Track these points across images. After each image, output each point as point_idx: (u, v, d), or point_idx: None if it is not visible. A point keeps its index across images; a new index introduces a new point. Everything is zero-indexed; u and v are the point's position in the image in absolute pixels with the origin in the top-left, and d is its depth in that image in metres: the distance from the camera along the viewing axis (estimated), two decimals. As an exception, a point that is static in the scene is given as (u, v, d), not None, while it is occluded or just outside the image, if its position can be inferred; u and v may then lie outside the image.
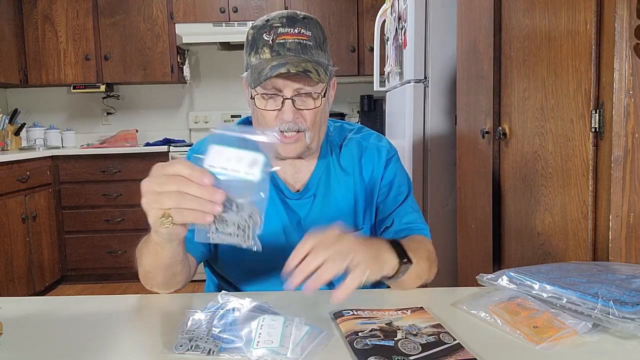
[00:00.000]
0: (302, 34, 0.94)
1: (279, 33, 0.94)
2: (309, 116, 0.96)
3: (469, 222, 2.06)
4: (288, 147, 0.97)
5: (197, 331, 0.68)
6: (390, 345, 0.65)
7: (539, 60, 1.42)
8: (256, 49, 0.96)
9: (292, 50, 0.93)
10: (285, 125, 0.95)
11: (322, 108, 0.99)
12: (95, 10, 3.79)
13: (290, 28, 0.94)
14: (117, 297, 0.91)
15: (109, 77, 3.85)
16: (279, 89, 0.94)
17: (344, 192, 1.07)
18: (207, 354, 0.64)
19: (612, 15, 1.08)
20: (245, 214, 0.67)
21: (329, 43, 1.01)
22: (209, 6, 3.79)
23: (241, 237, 0.68)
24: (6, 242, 2.95)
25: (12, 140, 3.77)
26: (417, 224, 1.07)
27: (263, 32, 0.95)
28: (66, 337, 0.74)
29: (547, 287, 0.77)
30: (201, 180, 0.65)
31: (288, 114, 0.94)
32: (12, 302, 0.88)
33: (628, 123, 1.08)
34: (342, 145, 1.11)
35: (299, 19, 0.96)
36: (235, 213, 0.67)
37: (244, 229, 0.68)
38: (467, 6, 2.01)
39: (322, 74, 0.92)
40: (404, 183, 1.11)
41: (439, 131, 2.43)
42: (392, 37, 2.78)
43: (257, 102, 0.97)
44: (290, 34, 0.94)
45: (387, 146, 1.12)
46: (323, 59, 0.97)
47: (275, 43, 0.93)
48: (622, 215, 1.10)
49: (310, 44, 0.95)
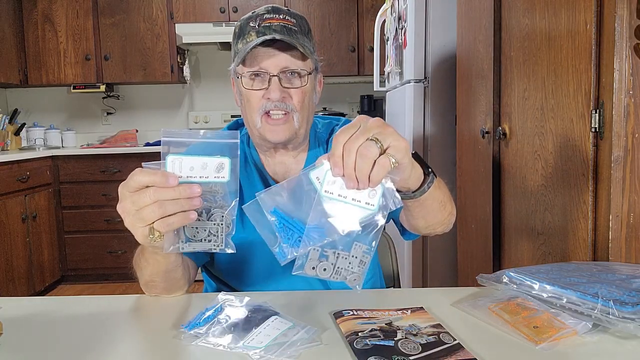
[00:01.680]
0: (288, 20, 0.97)
1: (264, 18, 0.96)
2: (297, 96, 0.96)
3: (469, 222, 2.06)
4: (276, 129, 0.96)
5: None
6: (390, 345, 0.65)
7: (539, 60, 1.42)
8: (243, 36, 0.97)
9: (277, 31, 0.94)
10: (272, 104, 0.95)
11: (310, 90, 1.00)
12: (95, 10, 3.79)
13: (276, 14, 0.97)
14: (117, 297, 0.91)
15: (109, 77, 3.85)
16: (265, 69, 0.94)
17: None
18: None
19: (612, 15, 1.08)
20: (217, 219, 0.67)
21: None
22: (209, 6, 3.79)
23: (213, 241, 0.67)
24: (6, 242, 2.95)
25: (12, 140, 3.77)
26: None
27: (249, 20, 0.97)
28: (66, 337, 0.74)
29: (547, 287, 0.77)
30: (167, 183, 0.65)
31: (275, 92, 0.94)
32: (12, 302, 0.88)
33: (628, 123, 1.08)
34: (329, 140, 1.10)
35: (284, 10, 0.99)
36: (206, 219, 0.67)
37: (215, 233, 0.67)
38: (467, 6, 2.01)
39: (307, 51, 0.94)
40: None
41: (439, 131, 2.43)
42: (392, 37, 2.78)
43: (243, 82, 0.97)
44: (276, 19, 0.96)
45: None
46: (308, 45, 0.97)
47: (261, 27, 0.95)
48: (622, 215, 1.10)
49: (296, 29, 0.97)
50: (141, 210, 0.66)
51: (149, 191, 0.65)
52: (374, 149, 0.65)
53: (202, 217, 0.67)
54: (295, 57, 0.95)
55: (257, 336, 0.67)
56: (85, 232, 3.61)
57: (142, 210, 0.66)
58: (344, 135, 0.66)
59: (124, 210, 0.68)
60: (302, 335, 0.67)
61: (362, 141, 0.65)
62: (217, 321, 0.70)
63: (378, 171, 0.65)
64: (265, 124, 0.97)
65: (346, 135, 0.66)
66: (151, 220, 0.66)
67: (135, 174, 0.67)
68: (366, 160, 0.65)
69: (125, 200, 0.68)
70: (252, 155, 1.08)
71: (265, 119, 0.96)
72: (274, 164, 1.06)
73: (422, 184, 0.79)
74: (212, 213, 0.67)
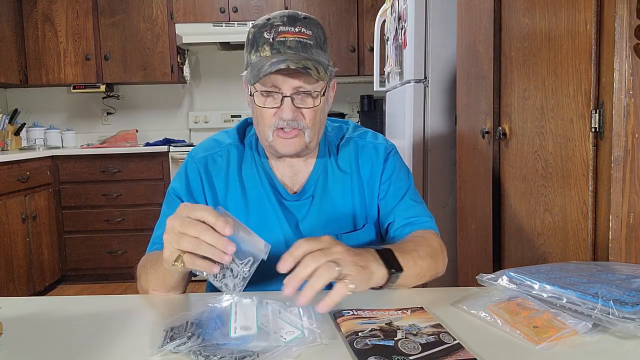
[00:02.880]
0: (303, 33, 0.94)
1: (279, 31, 0.93)
2: (308, 115, 0.96)
3: (469, 222, 2.06)
4: (287, 142, 0.97)
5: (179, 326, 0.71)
6: (390, 345, 0.65)
7: (539, 60, 1.42)
8: (256, 47, 0.95)
9: (292, 48, 0.93)
10: (284, 122, 0.95)
11: (322, 107, 0.99)
12: (95, 10, 3.79)
13: (291, 27, 0.94)
14: (117, 297, 0.91)
15: (109, 77, 3.85)
16: (278, 87, 0.94)
17: (342, 192, 1.07)
18: (185, 342, 0.66)
19: (612, 15, 1.08)
20: (246, 267, 0.74)
21: (329, 44, 1.01)
22: (209, 6, 3.79)
23: (237, 286, 0.74)
24: (6, 242, 2.95)
25: (12, 140, 3.77)
26: (419, 217, 1.05)
27: (264, 30, 0.95)
28: (66, 337, 0.74)
29: (547, 287, 0.77)
30: (223, 230, 0.69)
31: (287, 112, 0.94)
32: (12, 302, 0.88)
33: (628, 123, 1.08)
34: (340, 146, 1.10)
35: (299, 19, 0.96)
36: (237, 265, 0.74)
37: (241, 278, 0.74)
38: (467, 6, 2.01)
39: (322, 72, 0.92)
40: (402, 177, 1.10)
41: (439, 131, 2.43)
42: (392, 37, 2.78)
43: (256, 99, 0.96)
44: (291, 32, 0.94)
45: (383, 143, 1.11)
46: (323, 58, 0.96)
47: (275, 41, 0.93)
48: (622, 215, 1.10)
49: (311, 43, 0.94)
50: (182, 235, 0.71)
51: (200, 225, 0.70)
52: (333, 271, 0.70)
53: (236, 262, 0.74)
54: (308, 79, 0.93)
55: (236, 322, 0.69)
56: (85, 232, 3.61)
57: (182, 237, 0.71)
58: (304, 246, 0.73)
59: (170, 226, 0.73)
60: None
61: (324, 260, 0.71)
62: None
63: (335, 295, 0.70)
64: (277, 137, 0.97)
65: (305, 247, 0.73)
66: (183, 248, 0.72)
67: (205, 209, 0.72)
68: (321, 280, 0.70)
69: (178, 219, 0.72)
70: (260, 158, 1.08)
71: (277, 132, 0.97)
72: (283, 167, 1.06)
73: (386, 281, 0.81)
74: (244, 263, 0.75)
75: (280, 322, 0.70)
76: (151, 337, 0.71)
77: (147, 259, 0.94)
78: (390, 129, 2.95)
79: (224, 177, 1.06)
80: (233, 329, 0.66)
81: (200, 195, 1.05)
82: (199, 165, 1.06)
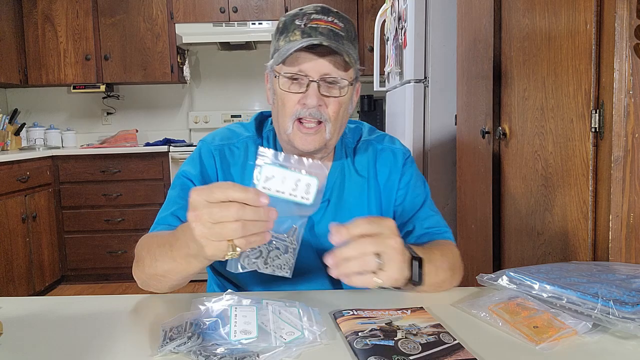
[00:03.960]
0: (336, 23, 0.92)
1: (312, 18, 0.91)
2: (333, 106, 0.92)
3: (469, 222, 2.06)
4: (306, 138, 0.93)
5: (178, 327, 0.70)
6: (390, 345, 0.65)
7: (539, 60, 1.42)
8: (286, 33, 0.92)
9: (324, 34, 0.90)
10: (306, 111, 0.91)
11: (346, 102, 0.95)
12: (95, 10, 3.79)
13: (324, 15, 0.92)
14: (117, 297, 0.91)
15: (109, 77, 3.85)
16: (305, 72, 0.90)
17: (359, 196, 1.04)
18: (185, 342, 0.65)
19: (612, 15, 1.08)
20: (292, 238, 0.70)
21: (358, 43, 1.00)
22: (209, 6, 3.79)
23: (285, 269, 0.70)
24: (6, 242, 2.95)
25: (12, 140, 3.77)
26: (439, 227, 1.04)
27: (295, 18, 0.92)
28: (66, 337, 0.74)
29: (547, 287, 0.77)
30: (258, 202, 0.64)
31: (312, 97, 0.90)
32: (12, 302, 0.88)
33: (628, 123, 1.08)
34: (356, 149, 1.07)
35: (333, 11, 0.94)
36: (282, 240, 0.70)
37: (292, 251, 0.70)
38: (467, 6, 2.01)
39: (352, 60, 0.89)
40: (420, 185, 1.08)
41: (439, 131, 2.43)
42: (392, 37, 2.78)
43: (280, 82, 0.92)
44: (324, 21, 0.91)
45: (402, 148, 1.09)
46: (353, 53, 0.93)
47: (307, 27, 0.90)
48: (622, 215, 1.10)
49: (343, 35, 0.92)
50: (221, 225, 0.63)
51: (233, 207, 0.63)
52: (372, 265, 0.71)
53: (280, 237, 0.70)
54: (338, 65, 0.90)
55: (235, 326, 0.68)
56: (85, 232, 3.61)
57: (222, 226, 0.63)
58: (363, 227, 0.71)
59: (198, 220, 0.64)
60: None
61: (370, 251, 0.70)
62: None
63: (359, 281, 0.71)
64: (297, 130, 0.93)
65: (363, 228, 0.71)
66: (231, 237, 0.64)
67: (228, 187, 0.64)
68: (357, 266, 0.70)
69: (201, 210, 0.64)
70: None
71: (297, 125, 0.93)
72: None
73: (405, 285, 0.81)
74: (288, 234, 0.71)
75: (280, 323, 0.70)
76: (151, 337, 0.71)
77: (153, 242, 0.85)
78: (390, 129, 2.95)
79: (240, 170, 1.01)
80: (233, 332, 0.66)
81: (214, 182, 1.01)
82: (215, 153, 1.01)
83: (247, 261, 0.70)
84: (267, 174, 0.66)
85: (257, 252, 0.70)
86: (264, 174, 0.66)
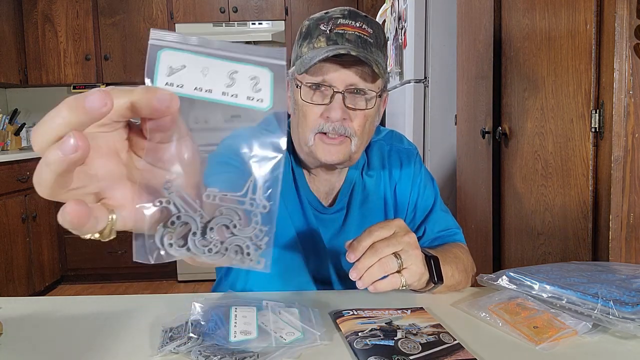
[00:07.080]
0: (364, 29, 0.84)
1: (338, 23, 0.84)
2: (358, 119, 0.84)
3: (469, 222, 2.06)
4: (330, 149, 0.85)
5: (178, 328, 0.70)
6: (390, 345, 0.65)
7: (539, 60, 1.42)
8: (310, 39, 0.85)
9: (351, 42, 0.82)
10: (330, 126, 0.83)
11: (373, 115, 0.87)
12: (95, 10, 3.79)
13: (352, 20, 0.84)
14: (117, 297, 0.91)
15: (109, 77, 3.85)
16: (329, 82, 0.83)
17: (375, 200, 1.00)
18: (185, 342, 0.65)
19: (612, 15, 1.08)
20: (257, 197, 0.36)
21: (387, 50, 0.91)
22: (209, 6, 3.79)
23: (260, 240, 0.37)
24: (6, 242, 2.95)
25: (12, 140, 3.77)
26: (450, 229, 1.02)
27: (320, 22, 0.85)
28: (66, 337, 0.74)
29: (547, 287, 0.77)
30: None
31: (336, 110, 0.82)
32: (12, 302, 0.88)
33: (628, 123, 1.08)
34: (368, 151, 1.02)
35: (361, 15, 0.87)
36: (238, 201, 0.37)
37: (245, 243, 0.37)
38: (467, 6, 2.01)
39: (380, 71, 0.81)
40: (430, 185, 1.05)
41: (439, 131, 2.43)
42: (392, 37, 2.78)
43: (302, 92, 0.84)
44: (351, 26, 0.84)
45: (411, 148, 1.06)
46: (382, 61, 0.85)
47: (333, 32, 0.83)
48: (622, 215, 1.10)
49: (371, 41, 0.84)
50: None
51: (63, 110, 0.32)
52: (393, 266, 0.71)
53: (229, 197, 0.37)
54: (365, 75, 0.83)
55: (236, 327, 0.68)
56: (85, 232, 3.61)
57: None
58: (374, 234, 0.72)
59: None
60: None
61: (389, 252, 0.71)
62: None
63: (385, 285, 0.72)
64: (320, 142, 0.85)
65: (375, 236, 0.72)
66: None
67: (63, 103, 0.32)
68: (380, 271, 0.70)
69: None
70: (295, 165, 0.96)
71: (320, 137, 0.85)
72: (319, 182, 0.96)
73: (425, 287, 0.81)
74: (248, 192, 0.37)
75: (280, 323, 0.70)
76: (151, 337, 0.71)
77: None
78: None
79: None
80: (233, 333, 0.66)
81: None
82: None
83: (166, 240, 0.35)
84: (174, 61, 0.36)
85: (181, 224, 0.36)
86: (165, 60, 0.36)
